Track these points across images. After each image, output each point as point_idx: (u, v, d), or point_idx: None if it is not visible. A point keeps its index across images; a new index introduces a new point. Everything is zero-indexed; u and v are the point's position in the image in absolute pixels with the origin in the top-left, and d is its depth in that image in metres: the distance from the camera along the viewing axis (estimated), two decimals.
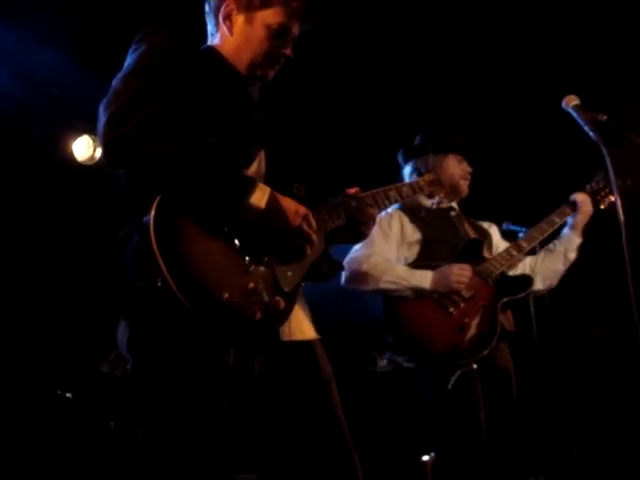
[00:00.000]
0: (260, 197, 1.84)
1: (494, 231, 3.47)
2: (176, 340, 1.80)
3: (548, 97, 3.00)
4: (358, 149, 5.20)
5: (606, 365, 5.12)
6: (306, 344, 2.05)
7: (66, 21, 4.39)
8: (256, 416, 2.01)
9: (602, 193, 3.33)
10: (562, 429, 4.50)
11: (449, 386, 2.88)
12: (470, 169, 3.38)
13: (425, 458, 4.08)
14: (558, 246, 3.31)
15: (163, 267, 1.71)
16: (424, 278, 3.04)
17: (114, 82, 1.88)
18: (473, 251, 3.17)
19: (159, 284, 1.73)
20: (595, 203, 3.32)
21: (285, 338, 1.98)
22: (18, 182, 4.86)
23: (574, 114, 2.46)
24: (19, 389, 4.42)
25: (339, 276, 3.12)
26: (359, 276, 3.09)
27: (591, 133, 2.36)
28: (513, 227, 3.50)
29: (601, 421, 5.04)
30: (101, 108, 1.81)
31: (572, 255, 3.31)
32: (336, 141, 5.20)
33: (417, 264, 3.13)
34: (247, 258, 1.87)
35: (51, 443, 4.20)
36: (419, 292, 3.04)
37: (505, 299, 3.09)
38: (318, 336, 2.10)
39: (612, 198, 3.26)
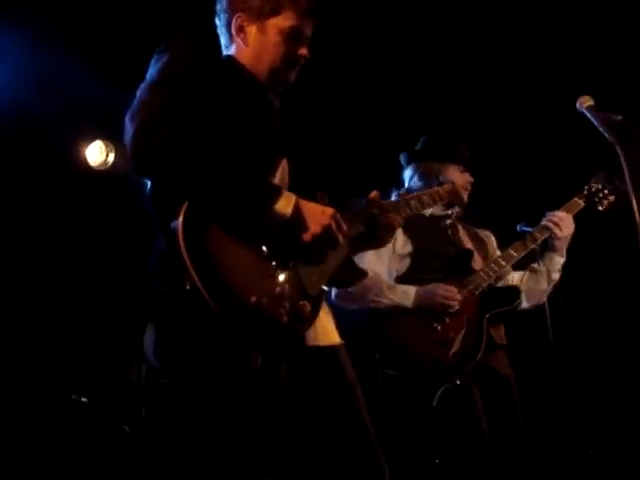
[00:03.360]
0: (286, 205, 1.87)
1: (491, 240, 3.45)
2: (204, 344, 1.84)
3: (558, 99, 3.00)
4: (371, 152, 5.19)
5: (621, 367, 5.10)
6: (331, 349, 2.07)
7: (80, 28, 4.43)
8: (282, 421, 2.01)
9: (600, 195, 3.29)
10: (578, 431, 4.48)
11: (433, 403, 2.87)
12: (472, 179, 3.35)
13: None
14: (541, 266, 3.28)
15: (192, 271, 1.74)
16: (407, 296, 3.04)
17: (139, 92, 1.92)
18: (461, 262, 3.16)
19: (187, 288, 1.76)
20: (592, 205, 3.29)
21: (311, 343, 2.01)
22: (32, 187, 4.88)
23: (589, 115, 2.46)
24: (35, 393, 4.44)
25: None
26: (347, 294, 3.04)
27: (606, 134, 2.37)
28: (527, 228, 3.41)
29: (617, 422, 5.02)
30: (127, 118, 1.85)
31: (555, 275, 3.28)
32: (346, 145, 5.20)
33: (406, 277, 3.12)
34: (273, 263, 1.90)
35: (66, 447, 4.22)
36: (403, 308, 3.03)
37: (492, 312, 3.08)
38: (342, 341, 2.12)
39: (611, 199, 3.25)
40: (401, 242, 3.16)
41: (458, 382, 2.89)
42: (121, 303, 4.55)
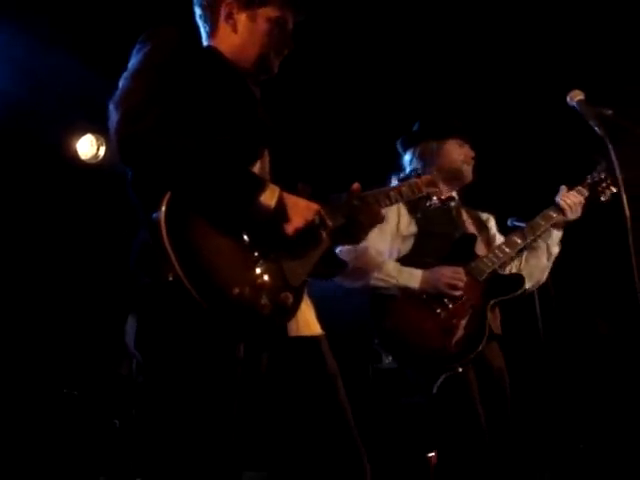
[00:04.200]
0: (270, 197, 1.87)
1: (492, 224, 3.37)
2: (186, 335, 1.83)
3: (552, 90, 2.98)
4: (358, 142, 5.18)
5: (611, 362, 5.12)
6: (312, 340, 2.07)
7: (69, 21, 4.41)
8: (264, 412, 2.02)
9: (603, 184, 3.24)
10: (568, 425, 4.50)
11: (434, 390, 2.82)
12: (473, 153, 3.24)
13: (431, 454, 4.08)
14: (540, 242, 3.22)
15: (175, 262, 1.73)
16: (413, 277, 2.94)
17: (122, 81, 1.91)
18: (465, 247, 3.08)
19: (170, 279, 1.76)
20: (595, 195, 3.24)
21: (293, 333, 2.00)
22: (23, 181, 4.87)
23: (579, 109, 2.46)
24: (26, 386, 4.43)
25: None
26: (349, 271, 2.89)
27: (596, 128, 2.37)
28: (518, 223, 3.32)
29: (607, 417, 5.04)
30: (111, 107, 1.84)
31: (555, 249, 3.23)
32: (334, 135, 5.18)
33: (409, 259, 3.03)
34: (256, 253, 1.89)
35: (57, 441, 4.21)
36: (407, 291, 2.94)
37: (496, 299, 3.01)
38: (323, 332, 2.12)
39: (614, 189, 3.18)
40: (406, 222, 3.07)
41: (460, 370, 2.82)
42: (113, 296, 4.54)
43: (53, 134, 5.07)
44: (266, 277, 1.88)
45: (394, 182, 3.07)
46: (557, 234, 3.21)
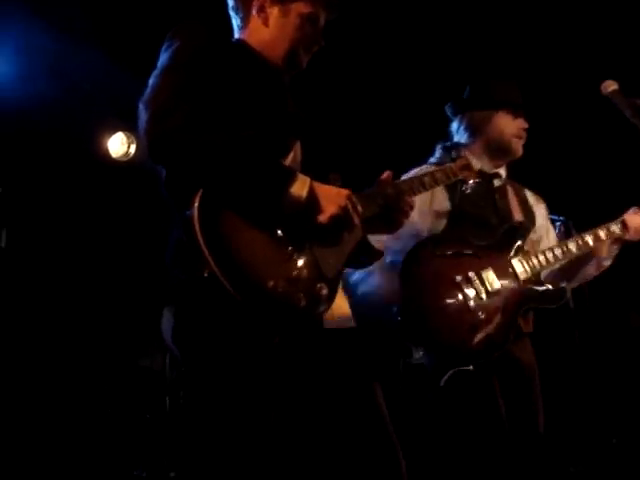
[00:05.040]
0: (301, 188, 1.87)
1: (540, 209, 3.11)
2: (223, 328, 1.84)
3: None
4: (391, 132, 5.12)
5: None
6: (347, 331, 2.07)
7: (103, 20, 4.45)
8: (298, 408, 2.01)
9: None
10: (601, 420, 4.47)
11: (441, 383, 2.69)
12: (526, 125, 2.95)
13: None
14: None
15: (209, 258, 1.75)
16: None
17: (152, 80, 1.92)
18: (513, 237, 2.83)
19: (205, 275, 1.77)
20: None
21: (328, 326, 2.00)
22: (56, 179, 4.92)
23: (613, 100, 2.43)
24: (62, 381, 4.48)
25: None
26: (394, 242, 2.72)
27: (631, 119, 2.34)
28: (556, 217, 3.20)
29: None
30: (141, 105, 1.86)
31: (607, 263, 3.03)
32: (366, 127, 5.14)
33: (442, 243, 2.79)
34: (290, 246, 1.89)
35: (91, 435, 4.26)
36: (439, 274, 2.69)
37: (530, 305, 2.81)
38: (356, 324, 2.12)
39: None
40: (440, 198, 2.84)
41: (471, 368, 2.67)
42: (145, 292, 4.57)
43: (84, 133, 5.12)
44: (300, 269, 1.88)
45: (438, 151, 2.94)
46: (614, 249, 3.01)
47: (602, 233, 2.92)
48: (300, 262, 1.89)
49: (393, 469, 1.95)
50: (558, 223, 3.17)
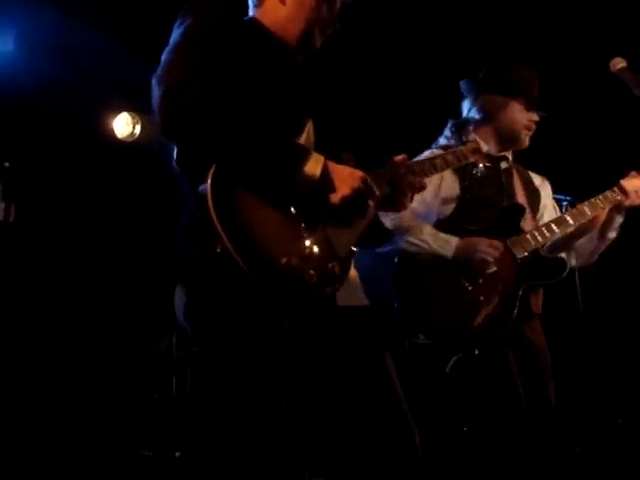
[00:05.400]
0: (314, 166, 1.87)
1: (545, 191, 3.11)
2: (235, 305, 1.84)
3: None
4: (403, 113, 5.09)
5: None
6: (360, 310, 2.07)
7: (105, 1, 4.43)
8: (311, 382, 2.01)
9: None
10: (607, 400, 4.47)
11: (446, 370, 2.72)
12: (537, 118, 2.95)
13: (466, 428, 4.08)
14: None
15: (223, 234, 1.75)
16: (448, 245, 2.74)
17: (164, 56, 1.91)
18: (510, 219, 2.85)
19: (218, 251, 1.77)
20: None
21: (341, 303, 1.99)
22: (62, 160, 4.92)
23: (621, 77, 2.42)
24: (67, 361, 4.50)
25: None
26: None
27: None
28: (556, 196, 3.17)
29: None
30: (154, 82, 1.85)
31: (612, 234, 2.99)
32: (380, 107, 5.11)
33: (448, 225, 2.81)
34: (303, 224, 1.89)
35: (98, 415, 4.28)
36: (438, 259, 2.72)
37: (530, 283, 2.78)
38: (368, 303, 2.12)
39: None
40: (448, 182, 2.85)
41: (476, 352, 2.68)
42: (151, 272, 4.59)
43: (90, 113, 5.12)
44: (313, 247, 1.88)
45: (448, 131, 2.88)
46: (617, 219, 2.96)
47: (599, 202, 2.90)
48: (313, 240, 1.88)
49: (406, 439, 1.96)
50: (565, 203, 3.17)
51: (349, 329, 2.03)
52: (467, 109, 3.01)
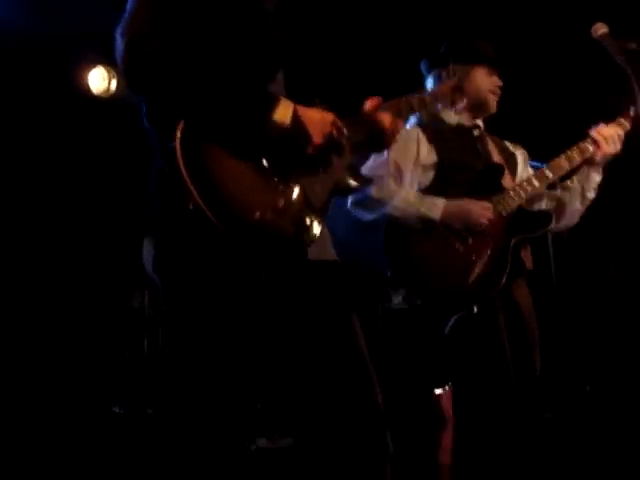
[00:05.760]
0: (284, 113, 1.83)
1: (520, 155, 3.18)
2: (207, 258, 1.82)
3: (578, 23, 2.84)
4: (379, 60, 5.01)
5: (622, 305, 5.12)
6: (331, 265, 2.04)
7: None
8: (278, 338, 1.98)
9: None
10: (576, 367, 4.52)
11: (446, 331, 2.74)
12: (500, 83, 3.03)
13: (438, 391, 4.10)
14: (576, 183, 3.01)
15: (193, 190, 1.72)
16: (435, 207, 2.78)
17: (128, 5, 1.86)
18: (490, 178, 2.90)
19: (190, 207, 1.75)
20: (637, 129, 2.98)
21: (313, 257, 1.96)
22: (36, 115, 4.83)
23: (603, 43, 2.40)
24: (38, 318, 4.47)
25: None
26: (367, 200, 2.83)
27: (620, 62, 2.31)
28: (532, 163, 3.18)
29: (615, 360, 5.07)
30: (118, 33, 1.81)
31: (590, 194, 3.02)
32: (352, 53, 5.03)
33: (429, 192, 2.86)
34: (276, 177, 1.86)
35: (69, 371, 4.27)
36: (426, 222, 2.78)
37: (519, 237, 2.84)
38: (339, 259, 2.08)
39: None
40: (425, 151, 2.89)
41: (475, 310, 2.71)
42: (123, 229, 4.54)
43: (65, 68, 5.01)
44: (287, 199, 1.85)
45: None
46: (595, 178, 2.99)
47: (574, 153, 2.94)
48: (287, 192, 1.86)
49: (368, 398, 1.94)
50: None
51: (318, 283, 1.99)
52: (431, 85, 3.07)
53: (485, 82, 3.00)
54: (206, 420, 1.81)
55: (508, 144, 3.16)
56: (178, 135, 1.75)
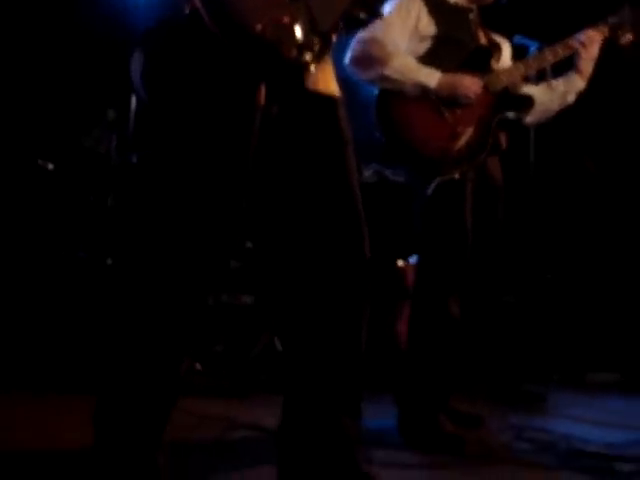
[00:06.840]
0: None
1: (506, 47, 3.27)
2: (200, 69, 1.73)
3: None
4: None
5: (598, 200, 5.17)
6: (330, 99, 1.93)
7: None
8: (270, 165, 1.87)
9: (623, 28, 3.09)
10: (539, 254, 4.58)
11: (428, 192, 2.86)
12: None
13: (400, 263, 4.15)
14: (560, 85, 3.14)
15: None
16: (432, 76, 2.88)
17: None
18: (481, 59, 3.01)
19: (187, 11, 1.66)
20: (615, 37, 3.10)
21: (311, 86, 1.85)
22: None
23: None
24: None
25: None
26: (364, 58, 2.89)
27: None
28: (525, 40, 3.26)
29: (581, 248, 5.15)
30: None
31: (570, 98, 3.16)
32: None
33: (424, 61, 2.94)
34: None
35: (34, 215, 4.18)
36: (420, 90, 2.88)
37: (503, 114, 2.99)
38: (340, 96, 1.97)
39: (632, 37, 3.07)
40: (425, 22, 2.96)
41: (457, 177, 2.86)
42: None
43: None
44: (292, 16, 1.71)
45: None
46: (578, 83, 3.12)
47: (559, 48, 3.05)
48: (292, 9, 1.72)
49: (355, 238, 1.88)
50: (532, 48, 3.19)
51: (313, 115, 1.90)
52: None
53: None
54: (166, 272, 1.78)
55: (495, 35, 3.25)
56: None
